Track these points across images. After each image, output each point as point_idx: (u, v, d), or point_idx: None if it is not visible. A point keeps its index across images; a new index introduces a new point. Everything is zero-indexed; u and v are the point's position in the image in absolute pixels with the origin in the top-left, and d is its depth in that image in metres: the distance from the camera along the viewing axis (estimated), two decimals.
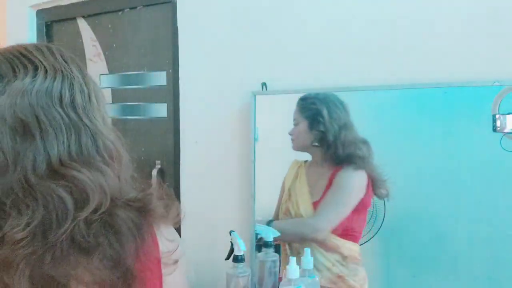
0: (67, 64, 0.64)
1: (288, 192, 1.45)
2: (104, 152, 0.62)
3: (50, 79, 0.61)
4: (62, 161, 0.58)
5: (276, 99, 1.42)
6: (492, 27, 1.16)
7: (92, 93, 0.65)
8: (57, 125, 0.59)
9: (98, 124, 0.63)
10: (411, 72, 1.24)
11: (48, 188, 0.56)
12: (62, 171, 0.58)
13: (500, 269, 1.15)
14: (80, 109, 0.62)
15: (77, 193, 0.57)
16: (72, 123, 0.60)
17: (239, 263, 1.20)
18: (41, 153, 0.57)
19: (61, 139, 0.59)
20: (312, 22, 1.40)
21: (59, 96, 0.61)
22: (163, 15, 1.77)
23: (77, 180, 0.57)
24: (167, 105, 1.78)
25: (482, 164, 1.16)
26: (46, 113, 0.59)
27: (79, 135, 0.60)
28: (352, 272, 1.33)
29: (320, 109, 1.36)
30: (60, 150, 0.58)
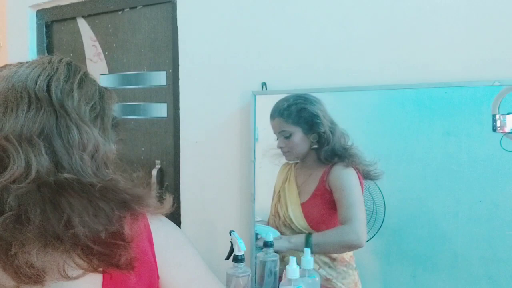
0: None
1: (278, 194, 1.45)
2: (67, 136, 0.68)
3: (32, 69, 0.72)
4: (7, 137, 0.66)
5: (276, 99, 1.42)
6: (492, 27, 1.16)
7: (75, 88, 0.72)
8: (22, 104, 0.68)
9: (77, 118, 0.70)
10: (411, 72, 1.24)
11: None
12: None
13: (500, 269, 1.15)
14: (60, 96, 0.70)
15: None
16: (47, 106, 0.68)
17: (239, 263, 1.20)
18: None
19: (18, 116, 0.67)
20: (312, 22, 1.40)
21: (36, 81, 0.69)
22: (163, 15, 1.77)
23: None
24: (167, 105, 1.78)
25: (482, 164, 1.16)
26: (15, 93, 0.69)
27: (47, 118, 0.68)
28: (341, 275, 1.32)
29: (313, 111, 1.34)
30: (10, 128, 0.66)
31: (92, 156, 0.69)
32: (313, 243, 1.33)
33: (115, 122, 0.78)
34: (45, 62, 0.73)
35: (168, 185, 1.79)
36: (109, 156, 0.73)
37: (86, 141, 0.69)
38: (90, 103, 0.73)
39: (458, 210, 1.18)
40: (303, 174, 1.41)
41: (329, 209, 1.36)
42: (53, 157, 0.66)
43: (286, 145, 1.40)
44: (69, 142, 0.67)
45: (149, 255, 0.71)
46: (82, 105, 0.71)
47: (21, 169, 0.63)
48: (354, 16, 1.33)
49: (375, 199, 1.28)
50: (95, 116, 0.73)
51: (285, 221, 1.41)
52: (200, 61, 1.62)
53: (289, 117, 1.38)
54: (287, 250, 1.36)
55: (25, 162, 0.64)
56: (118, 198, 0.67)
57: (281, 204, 1.43)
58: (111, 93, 0.79)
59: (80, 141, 0.68)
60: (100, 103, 0.74)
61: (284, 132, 1.38)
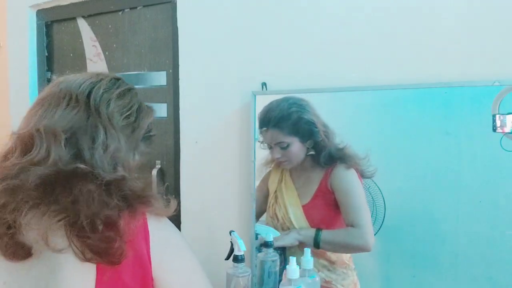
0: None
1: (274, 195, 1.44)
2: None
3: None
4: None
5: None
6: (492, 27, 1.16)
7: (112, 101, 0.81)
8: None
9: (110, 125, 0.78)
10: (411, 72, 1.24)
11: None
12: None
13: (500, 269, 1.15)
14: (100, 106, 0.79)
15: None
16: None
17: (239, 263, 1.20)
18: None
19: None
20: (312, 22, 1.40)
21: (80, 85, 0.80)
22: (163, 15, 1.77)
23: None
24: (167, 105, 1.78)
25: (482, 164, 1.16)
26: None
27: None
28: (341, 277, 1.32)
29: (309, 119, 1.34)
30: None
31: (111, 157, 0.75)
32: (322, 239, 1.33)
33: (148, 136, 0.86)
34: (94, 74, 0.84)
35: (168, 185, 1.79)
36: (129, 162, 0.79)
37: (110, 143, 0.76)
38: (125, 113, 0.81)
39: (458, 210, 1.18)
40: (300, 176, 1.41)
41: (331, 210, 1.36)
42: (73, 149, 0.73)
43: (284, 155, 1.39)
44: (93, 140, 0.75)
45: (143, 255, 0.73)
46: (115, 113, 0.79)
47: (40, 156, 0.71)
48: (354, 16, 1.33)
49: (375, 199, 1.28)
50: (126, 125, 0.81)
51: (284, 223, 1.41)
52: (200, 61, 1.62)
53: (285, 128, 1.36)
54: (299, 242, 1.36)
55: (46, 150, 0.72)
56: (122, 194, 0.72)
57: (279, 205, 1.42)
58: (150, 111, 0.87)
59: (105, 142, 0.75)
60: (135, 116, 0.83)
61: (281, 143, 1.37)
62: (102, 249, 0.68)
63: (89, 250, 0.68)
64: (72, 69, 2.07)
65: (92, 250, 0.68)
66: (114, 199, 0.71)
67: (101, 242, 0.68)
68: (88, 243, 0.68)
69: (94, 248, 0.68)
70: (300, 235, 1.36)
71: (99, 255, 0.68)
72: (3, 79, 2.23)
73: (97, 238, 0.68)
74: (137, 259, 0.72)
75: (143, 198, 0.74)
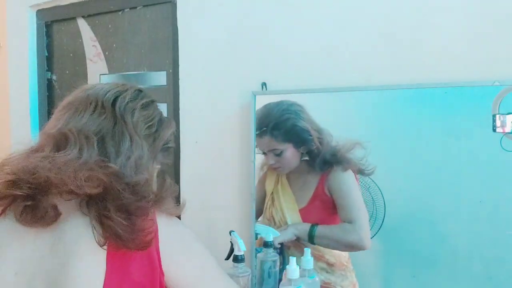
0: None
1: (271, 197, 1.44)
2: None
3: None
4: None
5: (276, 99, 1.42)
6: (492, 27, 1.16)
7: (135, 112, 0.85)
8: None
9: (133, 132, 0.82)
10: (411, 72, 1.24)
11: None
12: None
13: (500, 269, 1.15)
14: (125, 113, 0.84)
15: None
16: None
17: (239, 263, 1.20)
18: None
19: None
20: (312, 22, 1.40)
21: (106, 93, 0.84)
22: (163, 15, 1.77)
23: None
24: (167, 105, 1.78)
25: (482, 164, 1.16)
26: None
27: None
28: (339, 279, 1.33)
29: (303, 126, 1.34)
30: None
31: (136, 162, 0.79)
32: (317, 234, 1.33)
33: (167, 147, 0.90)
34: (120, 84, 0.88)
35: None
36: (149, 170, 0.82)
37: (134, 150, 0.80)
38: (148, 123, 0.85)
39: (458, 210, 1.18)
40: (296, 180, 1.41)
41: (328, 214, 1.36)
42: (102, 152, 0.78)
43: (277, 161, 1.40)
44: (119, 146, 0.79)
45: (152, 250, 0.75)
46: (140, 122, 0.83)
47: (73, 155, 0.75)
48: (354, 16, 1.33)
49: (375, 199, 1.28)
50: (148, 135, 0.84)
51: (280, 226, 1.41)
52: (200, 61, 1.62)
53: (279, 136, 1.37)
54: (295, 236, 1.37)
55: (78, 150, 0.76)
56: (143, 194, 0.76)
57: (276, 208, 1.43)
58: (170, 123, 0.91)
59: (130, 148, 0.79)
60: (157, 127, 0.87)
61: (275, 150, 1.38)
62: (131, 233, 0.71)
63: (115, 232, 0.70)
64: (72, 69, 2.07)
65: (119, 233, 0.70)
66: (139, 197, 0.74)
67: (131, 228, 0.71)
68: (117, 224, 0.70)
69: (123, 231, 0.70)
70: (297, 230, 1.37)
71: (125, 240, 0.71)
72: (3, 79, 2.23)
73: (128, 224, 0.71)
74: (146, 254, 0.75)
75: (159, 199, 0.78)
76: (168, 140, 0.90)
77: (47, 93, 2.13)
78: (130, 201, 0.73)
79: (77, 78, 2.03)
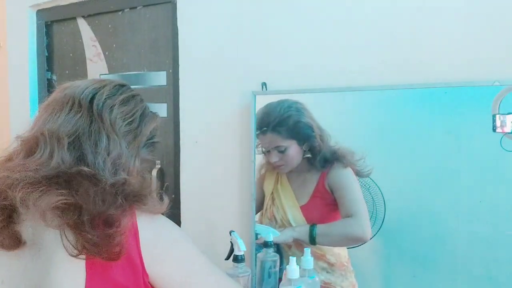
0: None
1: (271, 196, 1.44)
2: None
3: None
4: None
5: (276, 99, 1.42)
6: (492, 27, 1.16)
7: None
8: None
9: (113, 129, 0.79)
10: (411, 72, 1.24)
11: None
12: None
13: (500, 269, 1.15)
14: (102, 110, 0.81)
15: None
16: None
17: (239, 263, 1.20)
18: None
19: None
20: (312, 22, 1.40)
21: (83, 91, 0.82)
22: (163, 15, 1.77)
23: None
24: (167, 105, 1.78)
25: (482, 164, 1.16)
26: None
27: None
28: (339, 279, 1.33)
29: (307, 122, 1.34)
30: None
31: (113, 162, 0.77)
32: (318, 233, 1.33)
33: (151, 142, 0.88)
34: (98, 80, 0.86)
35: (168, 185, 1.79)
36: (130, 168, 0.80)
37: (112, 149, 0.77)
38: (128, 119, 0.82)
39: (458, 210, 1.18)
40: (296, 177, 1.41)
41: (329, 210, 1.36)
42: (76, 153, 0.76)
43: (281, 159, 1.39)
44: (96, 145, 0.77)
45: (133, 252, 0.74)
46: (118, 119, 0.81)
47: (44, 158, 0.74)
48: (354, 16, 1.33)
49: (375, 199, 1.28)
50: (128, 131, 0.82)
51: (282, 225, 1.41)
52: (200, 61, 1.62)
53: (284, 132, 1.37)
54: (293, 239, 1.37)
55: (49, 153, 0.74)
56: (123, 194, 0.74)
57: (277, 207, 1.43)
58: (154, 118, 0.88)
59: (107, 147, 0.77)
60: (138, 122, 0.84)
61: (279, 147, 1.38)
62: (102, 245, 0.69)
63: (86, 244, 0.69)
64: (72, 69, 2.07)
65: (90, 245, 0.69)
66: (118, 200, 0.72)
67: (101, 239, 0.69)
68: (86, 238, 0.69)
69: (92, 243, 0.69)
70: (295, 232, 1.37)
71: (97, 251, 0.69)
72: (3, 79, 2.23)
73: (97, 235, 0.69)
74: (126, 257, 0.73)
75: (139, 197, 0.76)
76: (152, 135, 0.88)
77: (47, 93, 2.13)
78: (103, 209, 0.70)
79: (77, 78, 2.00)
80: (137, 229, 0.75)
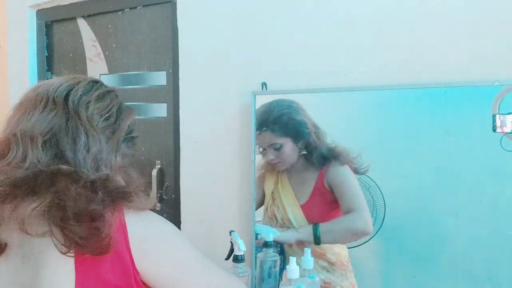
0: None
1: (271, 196, 1.45)
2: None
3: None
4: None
5: (276, 99, 1.42)
6: (492, 27, 1.16)
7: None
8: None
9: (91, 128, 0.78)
10: (411, 72, 1.24)
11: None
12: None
13: (500, 269, 1.15)
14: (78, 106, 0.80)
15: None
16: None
17: (239, 263, 1.20)
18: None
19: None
20: (312, 22, 1.40)
21: (57, 88, 0.80)
22: (163, 15, 1.77)
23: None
24: (167, 105, 1.78)
25: (482, 164, 1.16)
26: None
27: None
28: (339, 279, 1.33)
29: (300, 119, 1.36)
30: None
31: (94, 158, 0.76)
32: (321, 231, 1.34)
33: (129, 137, 0.86)
34: (72, 77, 0.84)
35: (168, 185, 1.79)
36: (112, 164, 0.79)
37: (92, 145, 0.76)
38: (105, 115, 0.81)
39: (458, 210, 1.18)
40: (296, 176, 1.42)
41: (329, 209, 1.36)
42: (53, 151, 0.74)
43: (277, 156, 1.41)
44: (75, 142, 0.75)
45: (122, 249, 0.73)
46: (95, 115, 0.79)
47: (17, 159, 0.73)
48: (354, 16, 1.33)
49: (375, 199, 1.28)
50: (106, 127, 0.80)
51: (283, 224, 1.41)
52: (200, 61, 1.62)
53: (278, 130, 1.39)
54: (296, 240, 1.37)
55: (22, 153, 0.73)
56: (106, 190, 0.73)
57: (277, 206, 1.43)
58: (130, 112, 0.87)
59: (86, 143, 0.76)
60: (115, 118, 0.83)
61: (274, 145, 1.39)
62: (89, 238, 0.69)
63: (74, 239, 0.68)
64: (72, 69, 2.07)
65: (78, 238, 0.68)
66: (99, 195, 0.72)
67: (89, 232, 0.69)
68: (74, 232, 0.68)
69: (79, 237, 0.68)
70: (299, 233, 1.37)
71: (85, 244, 0.69)
72: (3, 79, 2.23)
73: (84, 229, 0.69)
74: (115, 254, 0.72)
75: (125, 194, 0.75)
76: (130, 130, 0.86)
77: None
78: (84, 206, 0.69)
79: None
80: (125, 226, 0.74)
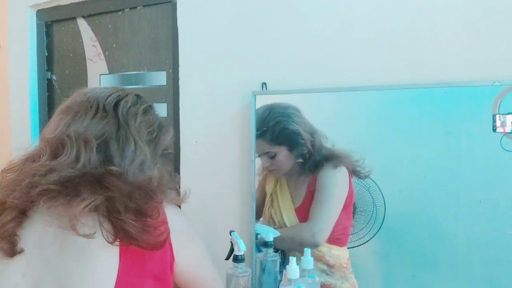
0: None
1: (270, 198, 1.45)
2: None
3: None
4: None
5: (276, 99, 1.42)
6: (492, 27, 1.16)
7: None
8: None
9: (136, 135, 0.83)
10: (411, 72, 1.24)
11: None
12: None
13: (500, 269, 1.15)
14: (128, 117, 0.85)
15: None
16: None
17: (239, 263, 1.20)
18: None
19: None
20: (312, 22, 1.40)
21: (107, 97, 0.85)
22: (163, 15, 1.77)
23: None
24: (167, 105, 1.78)
25: (482, 164, 1.16)
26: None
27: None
28: (339, 281, 1.33)
29: (294, 129, 1.35)
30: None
31: (139, 166, 0.80)
32: (276, 237, 1.34)
33: (166, 152, 0.91)
34: (119, 88, 0.89)
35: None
36: (151, 174, 0.82)
37: (138, 154, 0.81)
38: (149, 128, 0.86)
39: (458, 210, 1.18)
40: (293, 180, 1.42)
41: None
42: (102, 156, 0.78)
43: (272, 164, 1.41)
44: (123, 149, 0.80)
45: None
46: (142, 127, 0.84)
47: (70, 159, 0.76)
48: (354, 16, 1.33)
49: (375, 199, 1.28)
50: (150, 140, 0.86)
51: (280, 227, 1.41)
52: (200, 61, 1.62)
53: (271, 139, 1.39)
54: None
55: (75, 155, 0.77)
56: (151, 189, 0.78)
57: (275, 209, 1.43)
58: (169, 128, 0.93)
59: (134, 152, 0.80)
60: (157, 132, 0.88)
61: (268, 153, 1.40)
62: (144, 235, 0.73)
63: (128, 234, 0.72)
64: (72, 69, 2.07)
65: (133, 235, 0.72)
66: (147, 193, 0.77)
67: (144, 229, 0.73)
68: (129, 227, 0.72)
69: (136, 233, 0.72)
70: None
71: (140, 241, 0.73)
72: (3, 79, 2.23)
73: (139, 225, 0.73)
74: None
75: (164, 189, 0.81)
76: (167, 146, 0.91)
77: (47, 93, 2.13)
78: (139, 202, 0.74)
79: (77, 78, 2.03)
80: (167, 218, 0.80)
